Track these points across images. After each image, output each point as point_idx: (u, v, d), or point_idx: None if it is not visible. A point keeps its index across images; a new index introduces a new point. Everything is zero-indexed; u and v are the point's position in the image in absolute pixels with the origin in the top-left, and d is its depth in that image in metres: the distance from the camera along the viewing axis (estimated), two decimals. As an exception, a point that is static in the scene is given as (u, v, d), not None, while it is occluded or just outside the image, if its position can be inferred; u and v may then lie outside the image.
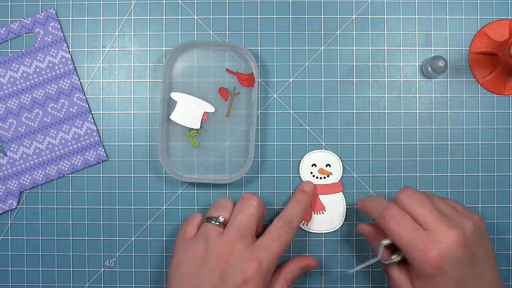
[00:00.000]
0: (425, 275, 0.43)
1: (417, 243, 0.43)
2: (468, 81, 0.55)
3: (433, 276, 0.43)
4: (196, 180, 0.53)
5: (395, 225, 0.45)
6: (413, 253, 0.43)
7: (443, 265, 0.42)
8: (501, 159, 0.55)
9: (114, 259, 0.55)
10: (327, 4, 0.55)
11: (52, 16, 0.55)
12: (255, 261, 0.45)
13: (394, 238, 0.45)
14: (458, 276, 0.43)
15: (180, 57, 0.54)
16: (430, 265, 0.43)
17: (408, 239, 0.44)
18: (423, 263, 0.43)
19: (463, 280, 0.43)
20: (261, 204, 0.49)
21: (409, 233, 0.44)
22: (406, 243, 0.44)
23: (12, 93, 0.54)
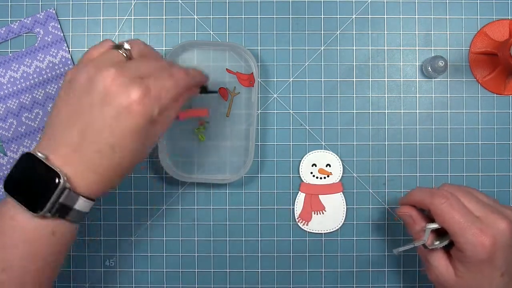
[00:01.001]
0: (474, 261, 0.43)
1: (471, 226, 0.43)
2: (468, 81, 0.55)
3: (481, 263, 0.42)
4: (196, 180, 0.53)
5: (448, 207, 0.44)
6: (465, 237, 0.43)
7: (494, 252, 0.42)
8: (501, 159, 0.55)
9: (114, 259, 0.55)
10: (327, 4, 0.55)
11: (52, 16, 0.55)
12: (143, 87, 0.40)
13: (446, 221, 0.44)
14: (504, 265, 0.43)
15: (180, 57, 0.54)
16: (482, 250, 0.42)
17: (461, 222, 0.43)
18: (475, 247, 0.42)
19: (507, 271, 0.43)
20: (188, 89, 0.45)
21: (462, 216, 0.43)
22: (459, 226, 0.43)
23: (12, 93, 0.54)
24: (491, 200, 0.46)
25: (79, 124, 0.40)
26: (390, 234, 0.55)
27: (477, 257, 0.42)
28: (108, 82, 0.40)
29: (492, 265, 0.43)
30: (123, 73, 0.40)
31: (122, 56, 0.43)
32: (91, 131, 0.40)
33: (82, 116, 0.40)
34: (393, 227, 0.55)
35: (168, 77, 0.43)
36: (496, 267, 0.43)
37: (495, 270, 0.43)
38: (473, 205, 0.44)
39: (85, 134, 0.40)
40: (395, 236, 0.55)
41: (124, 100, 0.40)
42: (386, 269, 0.55)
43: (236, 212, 0.55)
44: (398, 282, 0.55)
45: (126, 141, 0.41)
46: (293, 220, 0.55)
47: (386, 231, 0.55)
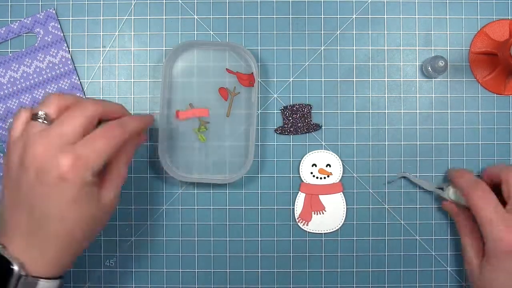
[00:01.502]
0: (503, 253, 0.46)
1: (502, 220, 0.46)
2: (468, 81, 0.55)
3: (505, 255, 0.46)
4: (196, 180, 0.53)
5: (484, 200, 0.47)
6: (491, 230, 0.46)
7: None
8: (501, 159, 0.55)
9: (114, 259, 0.55)
10: (327, 4, 0.55)
11: (52, 16, 0.55)
12: (71, 154, 0.40)
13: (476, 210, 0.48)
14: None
15: (180, 57, 0.54)
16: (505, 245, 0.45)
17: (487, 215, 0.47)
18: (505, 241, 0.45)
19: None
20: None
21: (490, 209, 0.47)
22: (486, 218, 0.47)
23: (12, 93, 0.54)
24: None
25: (24, 207, 0.41)
26: (390, 234, 0.55)
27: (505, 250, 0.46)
28: (37, 159, 0.40)
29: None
30: (49, 145, 0.40)
31: (42, 124, 0.42)
32: (37, 211, 0.41)
33: (24, 199, 0.41)
34: (393, 227, 0.55)
35: (100, 136, 0.42)
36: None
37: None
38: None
39: (31, 216, 0.41)
40: (395, 236, 0.55)
41: (56, 171, 0.39)
42: (386, 269, 0.55)
43: (236, 212, 0.55)
44: (398, 282, 0.55)
45: (71, 211, 0.41)
46: (293, 220, 0.55)
47: (386, 231, 0.55)
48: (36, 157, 0.40)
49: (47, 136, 0.40)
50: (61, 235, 0.41)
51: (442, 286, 0.55)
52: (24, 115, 0.43)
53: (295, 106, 0.54)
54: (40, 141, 0.40)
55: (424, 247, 0.55)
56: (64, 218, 0.41)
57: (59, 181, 0.40)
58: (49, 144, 0.40)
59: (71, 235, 0.42)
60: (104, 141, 0.42)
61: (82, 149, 0.40)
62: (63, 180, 0.40)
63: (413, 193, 0.55)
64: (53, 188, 0.40)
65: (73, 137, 0.41)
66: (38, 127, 0.41)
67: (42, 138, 0.40)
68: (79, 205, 0.41)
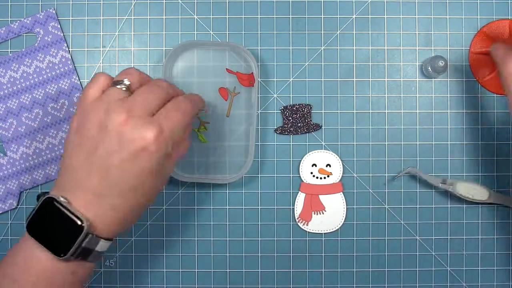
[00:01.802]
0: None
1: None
2: (468, 81, 0.55)
3: None
4: (196, 180, 0.53)
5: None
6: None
7: None
8: (501, 159, 0.55)
9: (114, 259, 0.55)
10: (327, 4, 0.55)
11: (52, 16, 0.55)
12: (156, 127, 0.41)
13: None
14: None
15: (180, 57, 0.54)
16: None
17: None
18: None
19: None
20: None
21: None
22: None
23: (12, 93, 0.54)
24: None
25: (98, 169, 0.41)
26: (390, 234, 0.55)
27: None
28: (121, 126, 0.40)
29: None
30: (133, 114, 0.41)
31: (124, 92, 0.42)
32: (110, 176, 0.41)
33: (100, 162, 0.41)
34: (393, 227, 0.55)
35: (176, 110, 0.43)
36: None
37: None
38: None
39: (104, 179, 0.41)
40: (395, 236, 0.55)
41: (140, 143, 0.40)
42: (386, 269, 0.55)
43: (236, 212, 0.55)
44: (398, 282, 0.55)
45: (146, 181, 0.42)
46: (293, 220, 0.55)
47: (386, 231, 0.55)
48: (120, 123, 0.40)
49: (131, 104, 0.41)
50: (130, 202, 0.42)
51: (442, 286, 0.55)
52: (104, 79, 0.43)
53: (295, 106, 0.54)
54: (123, 108, 0.41)
55: (424, 247, 0.55)
56: (137, 187, 0.41)
57: (141, 152, 0.40)
58: (133, 112, 0.41)
59: (138, 201, 0.42)
60: (180, 115, 0.43)
61: (164, 122, 0.41)
62: (145, 151, 0.40)
63: (413, 193, 0.55)
64: (133, 157, 0.40)
65: (154, 108, 0.42)
66: (120, 94, 0.42)
67: (125, 105, 0.41)
68: (153, 176, 0.42)
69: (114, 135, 0.40)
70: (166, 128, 0.41)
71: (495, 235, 0.55)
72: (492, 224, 0.55)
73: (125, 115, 0.41)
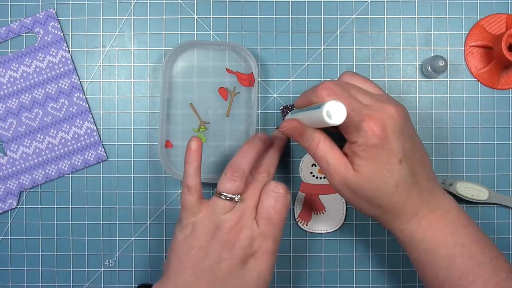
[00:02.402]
0: (367, 148, 0.41)
1: (360, 111, 0.40)
2: (468, 81, 0.55)
3: (375, 149, 0.40)
4: (196, 180, 0.53)
5: (332, 96, 0.41)
6: (351, 121, 0.40)
7: (385, 136, 0.40)
8: (501, 159, 0.55)
9: (114, 259, 0.55)
10: (327, 4, 0.55)
11: (52, 15, 0.55)
12: (269, 239, 0.45)
13: None
14: (401, 151, 0.41)
15: (180, 57, 0.54)
16: (372, 135, 0.40)
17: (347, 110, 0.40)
18: (365, 132, 0.40)
19: (406, 158, 0.41)
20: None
21: (349, 105, 0.40)
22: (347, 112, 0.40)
23: (12, 93, 0.54)
24: (380, 91, 0.45)
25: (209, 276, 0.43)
26: (390, 234, 0.55)
27: (369, 143, 0.40)
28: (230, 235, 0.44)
29: (387, 151, 0.41)
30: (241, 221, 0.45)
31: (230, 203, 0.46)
32: (219, 283, 0.43)
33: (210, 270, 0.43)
34: (393, 227, 0.55)
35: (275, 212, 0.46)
36: (392, 153, 0.41)
37: (392, 157, 0.41)
38: (360, 95, 0.42)
39: (213, 286, 0.43)
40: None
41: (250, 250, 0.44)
42: (386, 269, 0.55)
43: (236, 212, 0.55)
44: (398, 282, 0.55)
45: (253, 286, 0.44)
46: (293, 220, 0.55)
47: (386, 231, 0.55)
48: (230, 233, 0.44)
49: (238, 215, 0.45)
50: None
51: (442, 286, 0.55)
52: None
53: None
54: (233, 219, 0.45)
55: (424, 247, 0.55)
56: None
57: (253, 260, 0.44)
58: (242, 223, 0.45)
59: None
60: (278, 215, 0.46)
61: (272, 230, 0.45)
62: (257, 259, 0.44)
63: (413, 193, 0.55)
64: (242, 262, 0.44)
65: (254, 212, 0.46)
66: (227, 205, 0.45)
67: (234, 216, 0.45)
68: (262, 279, 0.44)
69: (226, 244, 0.44)
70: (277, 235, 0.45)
71: (495, 235, 0.55)
72: (492, 224, 0.55)
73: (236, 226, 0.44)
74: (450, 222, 0.43)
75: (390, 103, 0.42)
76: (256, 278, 0.44)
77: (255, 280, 0.44)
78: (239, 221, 0.45)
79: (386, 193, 0.42)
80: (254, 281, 0.44)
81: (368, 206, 0.43)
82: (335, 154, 0.43)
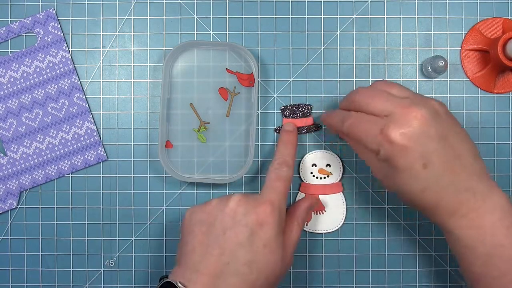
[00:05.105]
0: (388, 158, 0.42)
1: (372, 127, 0.43)
2: (468, 81, 0.55)
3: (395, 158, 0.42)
4: (196, 180, 0.53)
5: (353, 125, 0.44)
6: (369, 139, 0.43)
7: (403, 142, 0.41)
8: (501, 159, 0.55)
9: (114, 259, 0.55)
10: (327, 4, 0.55)
11: (52, 16, 0.55)
12: (267, 202, 0.45)
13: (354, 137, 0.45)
14: (424, 154, 0.41)
15: (180, 57, 0.54)
16: (388, 145, 0.42)
17: (363, 129, 0.43)
18: (379, 145, 0.42)
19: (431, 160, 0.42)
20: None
21: (364, 124, 0.44)
22: (362, 133, 0.44)
23: (12, 93, 0.54)
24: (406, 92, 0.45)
25: (215, 250, 0.43)
26: (390, 234, 0.55)
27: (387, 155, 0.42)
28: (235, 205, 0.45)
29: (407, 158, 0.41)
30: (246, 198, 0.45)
31: None
32: (227, 254, 0.43)
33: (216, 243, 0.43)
34: (393, 227, 0.55)
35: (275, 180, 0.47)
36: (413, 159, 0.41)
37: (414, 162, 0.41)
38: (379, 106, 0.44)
39: (221, 259, 0.43)
40: (396, 236, 0.55)
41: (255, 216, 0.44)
42: (386, 269, 0.55)
43: (236, 212, 0.55)
44: (398, 282, 0.55)
45: (260, 256, 0.43)
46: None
47: (386, 231, 0.55)
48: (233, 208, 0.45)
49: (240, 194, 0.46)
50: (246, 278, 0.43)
51: (442, 286, 0.55)
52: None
53: (295, 106, 0.54)
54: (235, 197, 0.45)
55: (424, 247, 0.55)
56: (252, 262, 0.43)
57: (257, 226, 0.44)
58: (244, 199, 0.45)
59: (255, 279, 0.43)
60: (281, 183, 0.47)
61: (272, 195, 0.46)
62: (262, 226, 0.44)
63: (413, 193, 0.55)
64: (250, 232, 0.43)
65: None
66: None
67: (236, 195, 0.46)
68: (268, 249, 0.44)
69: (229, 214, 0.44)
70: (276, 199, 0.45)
71: (495, 235, 0.55)
72: (492, 224, 0.55)
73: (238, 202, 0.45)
74: (492, 222, 0.42)
75: (411, 107, 0.42)
76: (262, 247, 0.43)
77: (262, 249, 0.43)
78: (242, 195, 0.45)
79: (414, 197, 0.43)
80: (261, 250, 0.43)
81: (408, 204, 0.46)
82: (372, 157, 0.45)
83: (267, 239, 0.44)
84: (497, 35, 0.54)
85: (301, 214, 0.49)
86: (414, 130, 0.41)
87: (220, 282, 0.42)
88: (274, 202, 0.45)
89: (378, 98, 0.44)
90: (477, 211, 0.42)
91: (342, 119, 0.46)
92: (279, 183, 0.47)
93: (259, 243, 0.43)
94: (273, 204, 0.45)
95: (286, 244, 0.46)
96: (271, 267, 0.44)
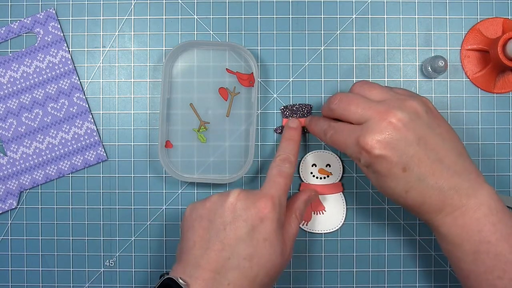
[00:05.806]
0: (368, 165, 0.44)
1: (350, 136, 0.44)
2: (468, 81, 0.55)
3: (374, 164, 0.43)
4: (196, 180, 0.53)
5: (333, 137, 0.46)
6: (349, 150, 0.44)
7: (379, 151, 0.42)
8: (501, 159, 0.55)
9: (114, 259, 0.55)
10: (327, 4, 0.55)
11: (52, 16, 0.55)
12: (267, 196, 0.45)
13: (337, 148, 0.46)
14: (403, 158, 0.42)
15: (180, 57, 0.54)
16: (365, 154, 0.43)
17: (342, 140, 0.45)
18: (359, 154, 0.43)
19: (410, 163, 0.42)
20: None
21: (343, 135, 0.45)
22: (342, 144, 0.45)
23: (12, 93, 0.54)
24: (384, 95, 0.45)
25: (216, 245, 0.43)
26: (390, 234, 0.55)
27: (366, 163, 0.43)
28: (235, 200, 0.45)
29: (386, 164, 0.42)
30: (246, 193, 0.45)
31: None
32: (227, 249, 0.43)
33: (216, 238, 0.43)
34: (393, 227, 0.55)
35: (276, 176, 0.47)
36: (392, 164, 0.42)
37: (393, 167, 0.42)
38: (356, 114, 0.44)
39: (222, 254, 0.43)
40: (395, 236, 0.55)
41: (255, 211, 0.44)
42: (386, 269, 0.55)
43: (236, 212, 0.55)
44: (398, 282, 0.55)
45: (261, 250, 0.43)
46: (293, 220, 0.55)
47: (386, 231, 0.55)
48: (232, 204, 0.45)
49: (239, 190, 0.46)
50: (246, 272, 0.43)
51: (442, 286, 0.55)
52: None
53: (295, 106, 0.54)
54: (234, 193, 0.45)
55: (424, 247, 0.55)
56: (253, 256, 0.43)
57: (258, 221, 0.44)
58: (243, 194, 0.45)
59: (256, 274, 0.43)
60: (282, 179, 0.47)
61: (272, 191, 0.46)
62: (263, 221, 0.44)
63: (413, 193, 0.55)
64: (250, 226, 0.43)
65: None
66: None
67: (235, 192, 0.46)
68: (269, 243, 0.44)
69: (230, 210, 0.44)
70: (276, 195, 0.45)
71: (495, 235, 0.55)
72: (492, 224, 0.55)
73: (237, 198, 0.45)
74: (477, 220, 0.42)
75: (387, 112, 0.43)
76: (263, 241, 0.43)
77: (262, 244, 0.43)
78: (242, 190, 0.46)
79: (398, 198, 0.44)
80: (261, 244, 0.43)
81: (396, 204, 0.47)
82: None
83: (267, 233, 0.44)
84: (497, 35, 0.54)
85: (300, 207, 0.49)
86: (391, 136, 0.42)
87: (221, 277, 0.42)
88: (275, 197, 0.45)
89: (355, 106, 0.45)
90: (461, 209, 0.43)
91: (324, 131, 0.47)
92: (280, 178, 0.47)
93: (259, 237, 0.43)
94: (273, 198, 0.45)
95: (285, 238, 0.46)
96: (272, 261, 0.44)
